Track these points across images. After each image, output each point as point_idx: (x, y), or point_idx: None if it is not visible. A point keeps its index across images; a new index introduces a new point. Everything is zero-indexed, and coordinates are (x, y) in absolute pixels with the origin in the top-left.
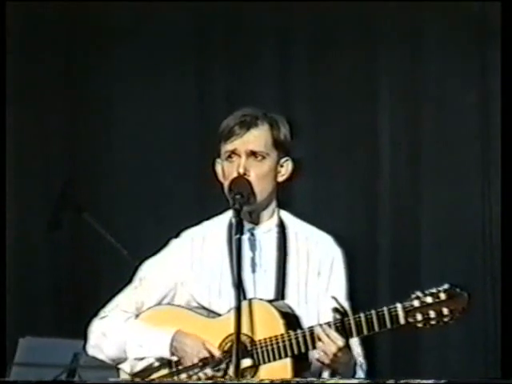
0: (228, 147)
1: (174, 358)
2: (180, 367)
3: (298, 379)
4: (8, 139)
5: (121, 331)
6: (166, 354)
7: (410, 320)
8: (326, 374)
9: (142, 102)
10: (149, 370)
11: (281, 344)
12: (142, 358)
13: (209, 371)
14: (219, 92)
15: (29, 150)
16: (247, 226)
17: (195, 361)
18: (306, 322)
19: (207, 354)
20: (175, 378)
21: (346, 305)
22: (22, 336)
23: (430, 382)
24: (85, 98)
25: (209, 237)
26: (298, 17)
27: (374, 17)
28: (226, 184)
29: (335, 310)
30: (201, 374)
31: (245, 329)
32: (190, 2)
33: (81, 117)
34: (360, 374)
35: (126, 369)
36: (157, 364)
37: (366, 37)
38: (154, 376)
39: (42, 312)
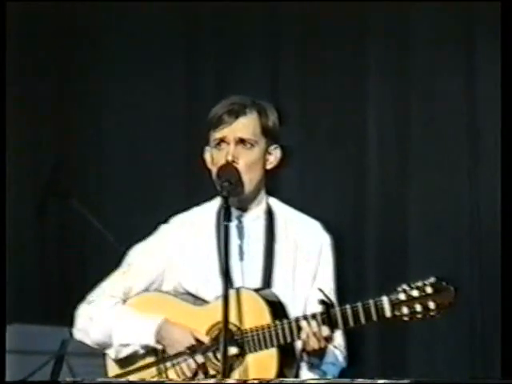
0: (217, 135)
1: (159, 347)
2: (166, 355)
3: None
4: None
5: (107, 316)
6: (151, 342)
7: (397, 313)
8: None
9: (131, 90)
10: (134, 356)
11: (267, 334)
12: (127, 345)
13: (198, 358)
14: (208, 80)
15: (16, 136)
16: (235, 212)
17: (182, 349)
18: (293, 310)
19: (195, 343)
20: (161, 365)
21: (332, 292)
22: (10, 323)
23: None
24: (73, 84)
25: (197, 223)
26: (286, 7)
27: (363, 8)
28: (214, 171)
29: (321, 301)
30: (184, 365)
31: (231, 317)
32: None
33: (69, 103)
34: (340, 359)
35: (111, 354)
36: (142, 351)
37: (355, 27)
38: (140, 363)
39: (30, 299)
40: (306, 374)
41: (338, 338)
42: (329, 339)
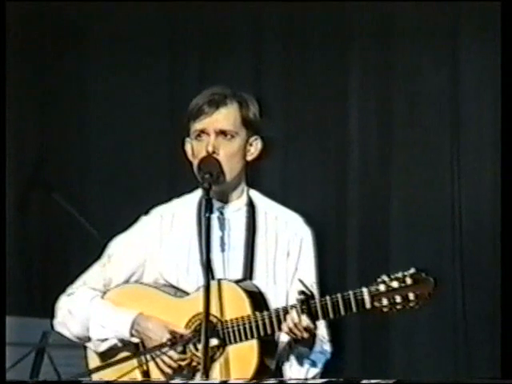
0: (197, 126)
1: (135, 340)
2: (145, 347)
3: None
4: None
5: (85, 310)
6: (127, 336)
7: (376, 304)
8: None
9: (114, 83)
10: (114, 349)
11: (247, 325)
12: (104, 339)
13: (175, 352)
14: (192, 72)
15: None
16: (216, 204)
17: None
18: (274, 302)
19: (170, 336)
20: (142, 358)
21: (314, 285)
22: None
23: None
24: (56, 79)
25: (178, 214)
26: (272, 3)
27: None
28: (195, 163)
29: (301, 292)
30: (166, 356)
31: (212, 309)
32: None
33: (53, 97)
34: (326, 349)
35: (91, 347)
36: (120, 345)
37: (339, 20)
38: (120, 356)
39: (12, 291)
40: (295, 363)
41: (322, 329)
42: (310, 330)
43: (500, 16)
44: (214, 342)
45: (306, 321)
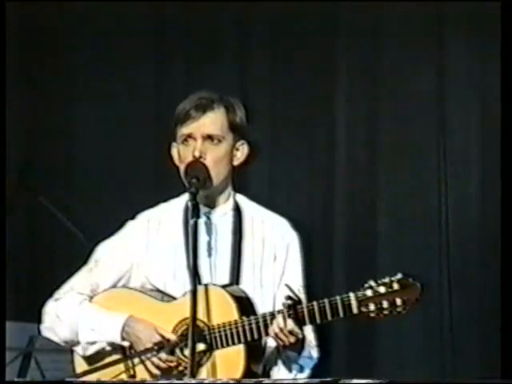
0: (184, 131)
1: (125, 344)
2: (133, 352)
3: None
4: None
5: (74, 314)
6: (117, 339)
7: (363, 309)
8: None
9: (100, 86)
10: (101, 353)
11: (234, 330)
12: (93, 342)
13: (163, 355)
14: (178, 78)
15: None
16: (203, 209)
17: (148, 346)
18: (261, 307)
19: (160, 339)
20: (128, 362)
21: (301, 289)
22: None
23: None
24: (42, 82)
25: (165, 219)
26: (258, 5)
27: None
28: (181, 168)
29: (288, 297)
30: (155, 359)
31: (199, 313)
32: None
33: (40, 100)
34: (313, 353)
35: (78, 351)
36: (108, 348)
37: (325, 22)
38: (107, 360)
39: None
40: (283, 368)
41: (310, 334)
42: (297, 335)
43: (500, 16)
44: (200, 346)
45: (291, 325)
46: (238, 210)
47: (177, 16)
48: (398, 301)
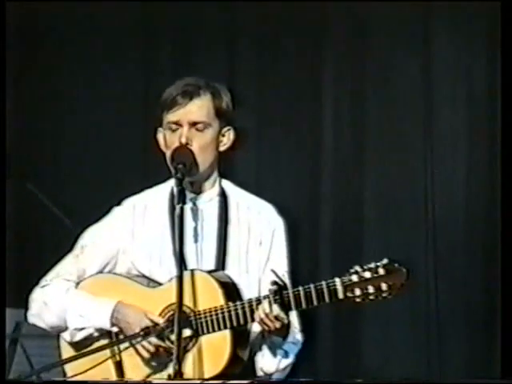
0: (170, 117)
1: (114, 329)
2: (121, 337)
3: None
4: None
5: (62, 300)
6: (107, 325)
7: (349, 295)
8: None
9: (87, 72)
10: (89, 339)
11: (220, 315)
12: (82, 328)
13: (153, 339)
14: (165, 61)
15: None
16: (189, 195)
17: (137, 331)
18: (247, 292)
19: (150, 324)
20: (115, 347)
21: (286, 275)
22: None
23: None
24: (30, 70)
25: (150, 205)
26: None
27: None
28: (167, 153)
29: (274, 283)
30: (145, 343)
31: (185, 299)
32: None
33: (28, 87)
34: (298, 338)
35: (66, 338)
36: (96, 334)
37: (313, 15)
38: (95, 346)
39: None
40: (267, 353)
41: (294, 319)
42: (282, 320)
43: (500, 16)
44: (187, 332)
45: (277, 311)
46: (223, 196)
47: (164, 4)
48: (384, 286)
